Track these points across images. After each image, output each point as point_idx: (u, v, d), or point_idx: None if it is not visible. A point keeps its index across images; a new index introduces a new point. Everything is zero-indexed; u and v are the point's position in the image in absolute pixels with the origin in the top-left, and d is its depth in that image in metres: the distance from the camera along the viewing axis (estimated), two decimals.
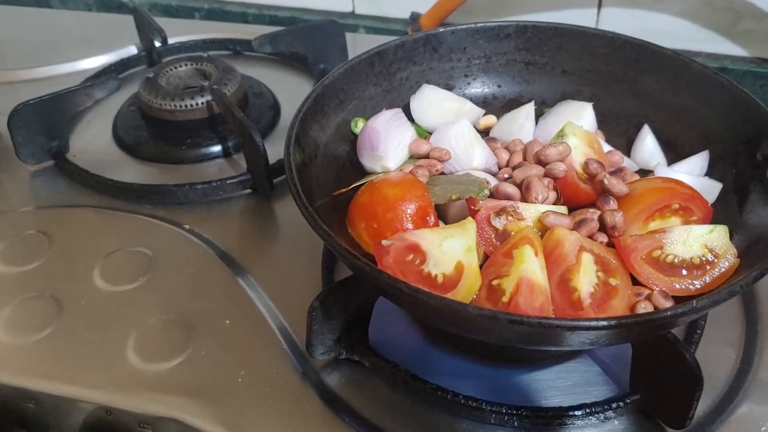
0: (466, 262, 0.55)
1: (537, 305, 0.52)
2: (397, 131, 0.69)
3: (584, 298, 0.53)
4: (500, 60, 0.76)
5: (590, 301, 0.53)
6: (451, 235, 0.57)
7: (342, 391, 0.59)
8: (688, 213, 0.59)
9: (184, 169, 0.83)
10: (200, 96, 0.85)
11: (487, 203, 0.60)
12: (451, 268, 0.55)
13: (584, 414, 0.55)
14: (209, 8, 1.19)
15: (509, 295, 0.52)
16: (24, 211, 0.78)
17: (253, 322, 0.64)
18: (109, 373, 0.60)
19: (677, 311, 0.46)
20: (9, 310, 0.66)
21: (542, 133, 0.71)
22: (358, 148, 0.69)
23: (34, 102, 0.81)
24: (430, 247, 0.55)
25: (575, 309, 0.53)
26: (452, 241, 0.56)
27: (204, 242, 0.72)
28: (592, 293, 0.53)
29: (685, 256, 0.56)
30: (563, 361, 0.61)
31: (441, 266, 0.55)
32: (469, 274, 0.55)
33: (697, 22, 1.00)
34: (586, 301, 0.53)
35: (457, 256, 0.55)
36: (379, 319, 0.61)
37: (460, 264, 0.55)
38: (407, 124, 0.70)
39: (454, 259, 0.55)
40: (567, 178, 0.62)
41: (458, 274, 0.55)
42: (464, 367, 0.61)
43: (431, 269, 0.54)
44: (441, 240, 0.56)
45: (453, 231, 0.57)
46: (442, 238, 0.56)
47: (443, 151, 0.67)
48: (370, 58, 0.71)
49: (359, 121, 0.71)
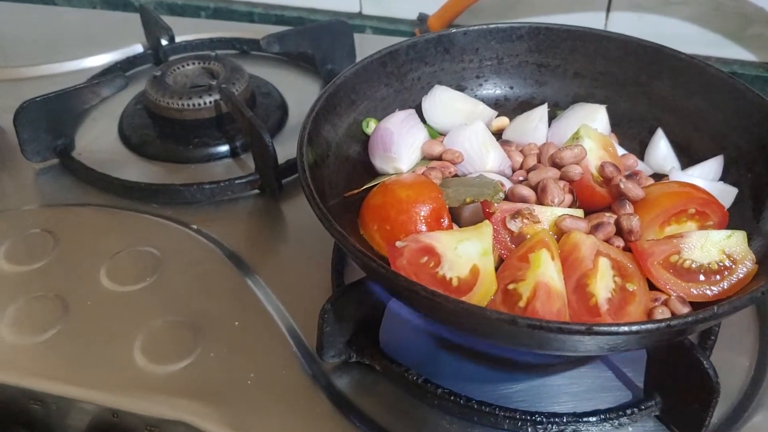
0: (482, 265, 0.54)
1: (554, 310, 0.51)
2: (410, 132, 0.68)
3: (601, 304, 0.52)
4: (512, 62, 0.75)
5: (607, 307, 0.52)
6: (467, 238, 0.56)
7: (352, 395, 0.58)
8: (704, 218, 0.59)
9: (190, 168, 0.82)
10: (208, 95, 0.84)
11: (502, 206, 0.59)
12: (466, 272, 0.54)
13: (598, 420, 0.55)
14: (215, 7, 1.19)
15: (526, 299, 0.52)
16: (29, 210, 0.77)
17: (262, 324, 0.63)
18: (115, 374, 0.60)
19: (698, 317, 0.45)
20: (14, 309, 0.65)
21: (555, 135, 0.70)
22: (371, 149, 0.69)
23: (41, 99, 0.80)
24: (445, 250, 0.55)
25: (592, 315, 0.52)
26: (468, 244, 0.55)
27: (212, 242, 0.72)
28: (609, 299, 0.53)
29: (702, 262, 0.55)
30: (576, 367, 0.60)
31: (456, 269, 0.54)
32: (484, 278, 0.54)
33: (706, 27, 0.99)
34: (603, 307, 0.52)
35: (473, 259, 0.55)
36: (390, 322, 0.60)
37: (475, 268, 0.54)
38: (420, 125, 0.70)
39: (470, 262, 0.54)
40: (582, 181, 0.62)
41: (474, 278, 0.54)
42: (475, 371, 0.60)
43: (446, 272, 0.54)
44: (456, 243, 0.55)
45: (469, 234, 0.56)
46: (457, 240, 0.55)
47: (456, 154, 0.66)
48: (382, 58, 0.71)
49: (371, 122, 0.70)
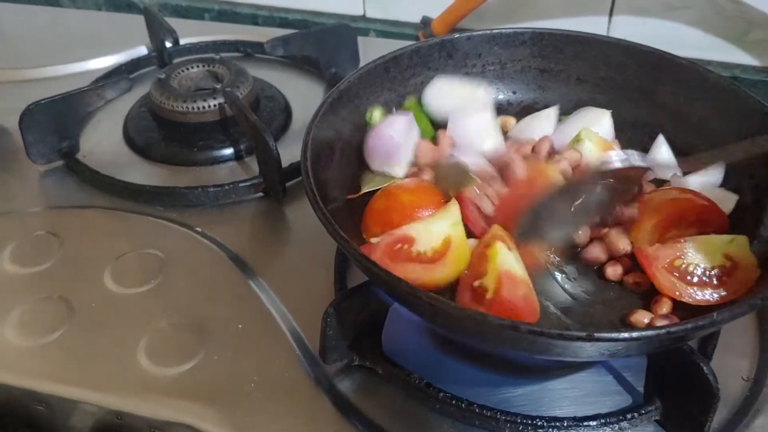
0: (453, 234, 0.58)
1: (521, 294, 0.53)
2: (409, 138, 0.68)
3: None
4: (515, 66, 0.76)
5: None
6: (437, 219, 0.59)
7: (355, 398, 0.58)
8: (705, 224, 0.59)
9: (194, 171, 0.82)
10: (213, 98, 0.84)
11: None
12: (439, 243, 0.57)
13: (599, 424, 0.55)
14: (219, 9, 1.19)
15: (492, 291, 0.53)
16: (33, 212, 0.78)
17: (265, 327, 0.64)
18: (119, 376, 0.60)
19: (698, 324, 0.45)
20: (19, 311, 0.65)
21: (560, 138, 0.71)
22: (370, 151, 0.68)
23: (46, 102, 0.80)
24: (419, 233, 0.58)
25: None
26: (438, 222, 0.59)
27: (216, 245, 0.72)
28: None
29: (706, 266, 0.55)
30: (576, 371, 0.60)
31: (429, 243, 0.57)
32: (457, 245, 0.57)
33: (708, 31, 1.00)
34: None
35: (445, 231, 0.58)
36: (393, 326, 0.60)
37: (447, 237, 0.58)
38: (416, 129, 0.70)
39: (442, 234, 0.58)
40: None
41: (446, 246, 0.57)
42: (476, 375, 0.60)
43: (419, 248, 0.57)
44: (427, 225, 0.59)
45: (438, 215, 0.60)
46: (428, 222, 0.59)
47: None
48: (386, 63, 0.71)
49: (375, 111, 0.70)
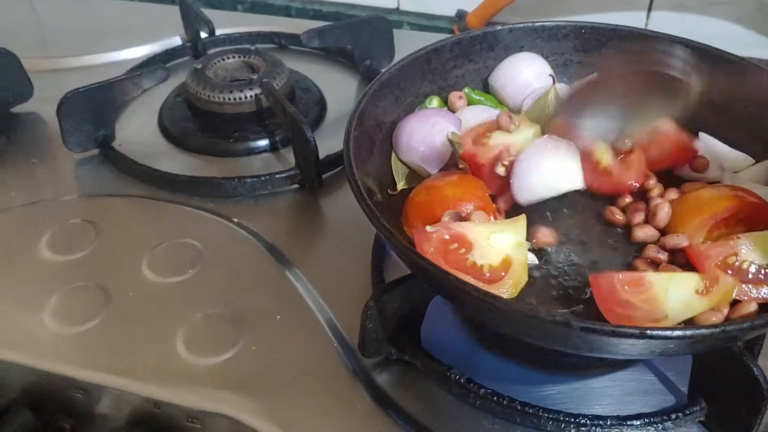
0: (514, 256, 0.55)
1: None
2: (442, 134, 0.66)
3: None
4: (557, 60, 0.74)
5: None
6: (501, 230, 0.56)
7: (393, 391, 0.58)
8: (755, 222, 0.58)
9: (229, 162, 0.82)
10: (249, 89, 0.84)
11: (486, 153, 0.62)
12: (498, 261, 0.54)
13: (642, 424, 0.54)
14: (253, 1, 1.19)
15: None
16: (69, 200, 0.78)
17: (303, 318, 0.63)
18: (157, 365, 0.60)
19: (754, 323, 0.44)
20: (56, 298, 0.66)
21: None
22: (408, 148, 0.66)
23: (84, 90, 0.80)
24: (477, 239, 0.55)
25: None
26: (501, 235, 0.56)
27: (252, 236, 0.72)
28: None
29: (761, 263, 0.54)
30: (618, 369, 0.59)
31: (488, 258, 0.54)
32: (516, 269, 0.54)
33: (750, 27, 0.98)
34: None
35: (506, 250, 0.55)
36: (432, 319, 0.60)
37: (508, 258, 0.55)
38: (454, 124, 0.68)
39: (502, 252, 0.55)
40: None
41: (505, 268, 0.54)
42: (515, 371, 0.59)
43: (477, 259, 0.54)
44: (489, 233, 0.56)
45: (503, 226, 0.57)
46: (490, 231, 0.56)
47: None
48: (427, 54, 0.70)
49: (434, 99, 0.70)
